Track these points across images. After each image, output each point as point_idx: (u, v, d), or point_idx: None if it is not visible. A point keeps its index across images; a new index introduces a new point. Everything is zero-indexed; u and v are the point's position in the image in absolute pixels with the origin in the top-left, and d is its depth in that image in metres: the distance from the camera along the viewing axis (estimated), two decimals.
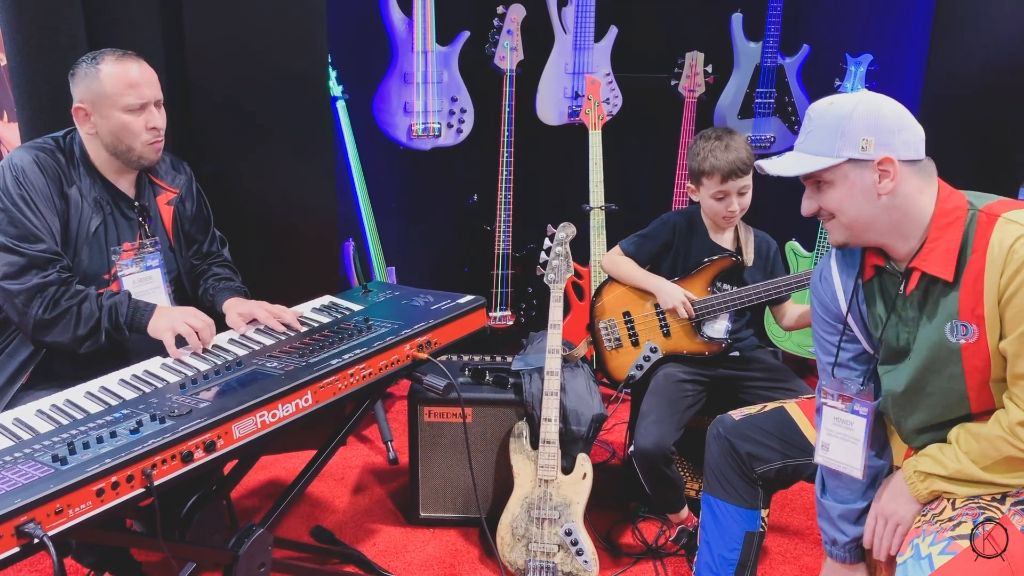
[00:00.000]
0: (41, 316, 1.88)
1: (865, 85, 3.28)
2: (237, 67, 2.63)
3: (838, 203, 1.57)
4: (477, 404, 2.48)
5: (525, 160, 3.44)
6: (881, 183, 1.52)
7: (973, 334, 1.50)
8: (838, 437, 1.70)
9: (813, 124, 1.57)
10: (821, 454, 1.73)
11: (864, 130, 1.51)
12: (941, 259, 1.52)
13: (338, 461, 2.97)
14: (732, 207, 2.38)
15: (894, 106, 1.55)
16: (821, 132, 1.55)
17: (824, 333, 1.76)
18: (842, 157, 1.52)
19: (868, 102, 1.54)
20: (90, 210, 2.00)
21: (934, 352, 1.56)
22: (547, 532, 2.31)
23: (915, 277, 1.56)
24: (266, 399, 1.62)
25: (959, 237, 1.51)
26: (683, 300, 2.42)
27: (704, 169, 2.37)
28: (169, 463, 1.46)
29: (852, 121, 1.52)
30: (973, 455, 1.53)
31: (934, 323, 1.55)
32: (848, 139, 1.52)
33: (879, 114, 1.52)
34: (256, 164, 2.73)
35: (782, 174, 1.59)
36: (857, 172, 1.53)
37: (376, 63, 3.31)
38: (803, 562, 2.44)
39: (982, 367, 1.52)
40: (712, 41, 3.47)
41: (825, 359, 1.76)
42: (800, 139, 1.61)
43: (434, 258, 3.73)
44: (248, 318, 2.04)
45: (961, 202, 1.54)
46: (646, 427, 2.28)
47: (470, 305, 2.12)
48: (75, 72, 1.97)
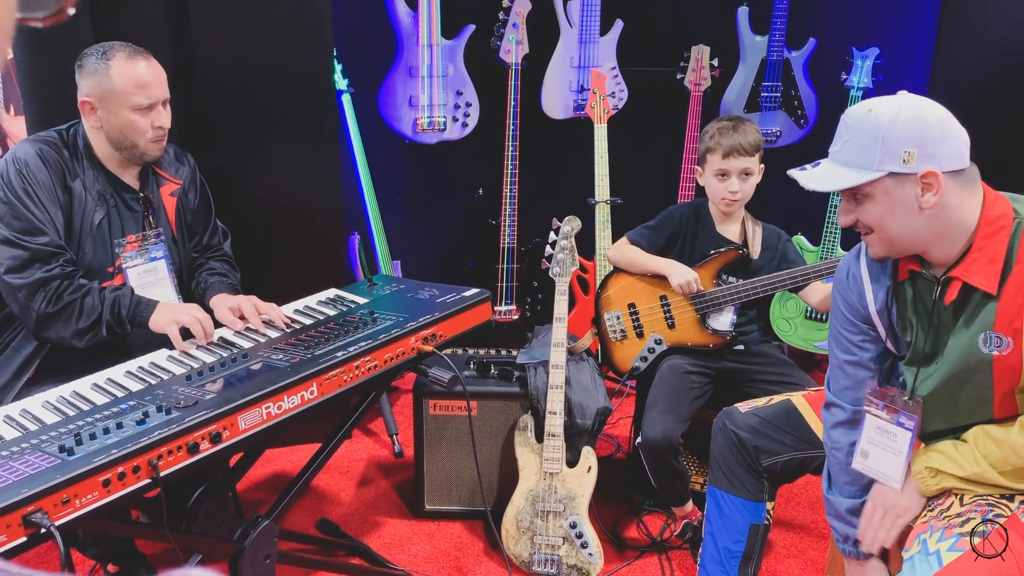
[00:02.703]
0: (44, 310, 1.88)
1: (872, 79, 3.27)
2: (243, 61, 2.63)
3: (878, 218, 1.48)
4: (482, 397, 2.48)
5: (530, 154, 3.43)
6: (924, 197, 1.43)
7: (1008, 347, 1.45)
8: (880, 447, 1.63)
9: (850, 132, 1.47)
10: (860, 461, 1.66)
11: (907, 142, 1.41)
12: (984, 270, 1.45)
13: (343, 454, 2.98)
14: (732, 187, 2.37)
15: (938, 112, 1.44)
16: (860, 142, 1.45)
17: (845, 331, 1.69)
18: (883, 171, 1.43)
19: (910, 109, 1.43)
20: (94, 203, 2.00)
21: (963, 361, 1.51)
22: (552, 525, 2.31)
23: (955, 287, 1.49)
24: (272, 391, 1.62)
25: (1004, 248, 1.44)
26: (694, 276, 2.42)
27: (709, 146, 2.38)
28: (175, 454, 1.47)
29: (893, 131, 1.41)
30: (992, 459, 1.50)
31: (968, 332, 1.50)
32: (889, 151, 1.42)
33: (922, 123, 1.42)
34: (261, 157, 2.73)
35: (819, 189, 1.50)
36: (898, 186, 1.44)
37: (381, 57, 3.30)
38: (808, 556, 2.44)
39: (1011, 377, 1.47)
40: (718, 34, 3.46)
41: (843, 356, 1.70)
42: (836, 147, 1.51)
43: (439, 252, 3.73)
44: (238, 312, 2.02)
45: (1007, 209, 1.47)
46: (653, 418, 2.28)
47: (475, 298, 2.12)
48: (83, 64, 1.96)
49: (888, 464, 1.62)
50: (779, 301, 3.42)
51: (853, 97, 3.29)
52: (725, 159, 2.35)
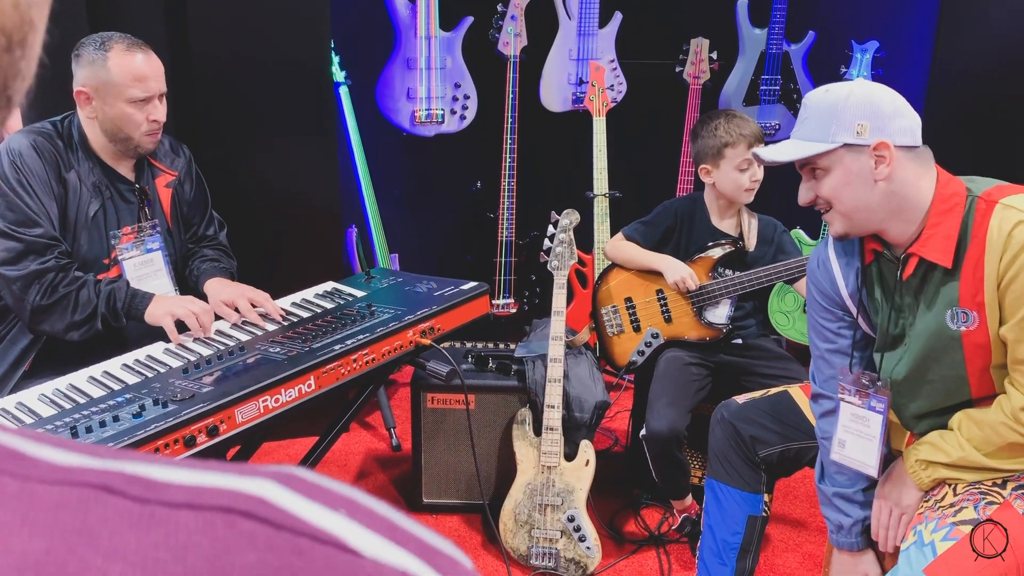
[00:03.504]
0: (38, 302, 1.87)
1: (871, 72, 3.26)
2: (240, 52, 2.61)
3: (834, 190, 1.55)
4: (480, 391, 2.47)
5: (529, 147, 3.42)
6: (877, 168, 1.50)
7: (974, 321, 1.49)
8: (854, 434, 1.66)
9: (808, 111, 1.56)
10: (838, 451, 1.69)
11: (859, 115, 1.50)
12: (940, 245, 1.50)
13: (341, 447, 2.97)
14: (758, 175, 2.37)
15: (890, 93, 1.54)
16: (816, 118, 1.54)
17: (822, 320, 1.74)
18: (837, 142, 1.51)
19: (863, 88, 1.53)
20: (89, 194, 1.98)
21: (934, 340, 1.55)
22: (550, 518, 2.31)
23: (912, 263, 1.55)
24: (269, 384, 1.62)
25: (958, 223, 1.49)
26: (690, 272, 2.41)
27: (727, 141, 2.35)
28: (172, 447, 1.46)
29: (847, 106, 1.50)
30: (976, 442, 1.52)
31: (934, 311, 1.54)
32: (843, 124, 1.50)
33: (874, 99, 1.51)
34: (258, 150, 2.72)
35: (777, 160, 1.58)
36: (853, 157, 1.51)
37: (379, 49, 3.29)
38: (805, 550, 2.44)
39: (983, 354, 1.51)
40: (717, 27, 3.45)
41: (823, 346, 1.74)
42: (796, 127, 1.60)
43: (437, 245, 3.72)
44: (232, 306, 2.01)
45: (960, 188, 1.52)
46: (659, 411, 2.28)
47: (473, 292, 2.11)
48: (80, 54, 1.94)
49: (863, 451, 1.65)
50: (777, 295, 3.42)
51: None
52: (750, 149, 2.33)
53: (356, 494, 0.34)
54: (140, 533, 0.29)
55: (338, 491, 0.33)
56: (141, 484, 0.31)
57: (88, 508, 0.29)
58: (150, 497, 0.30)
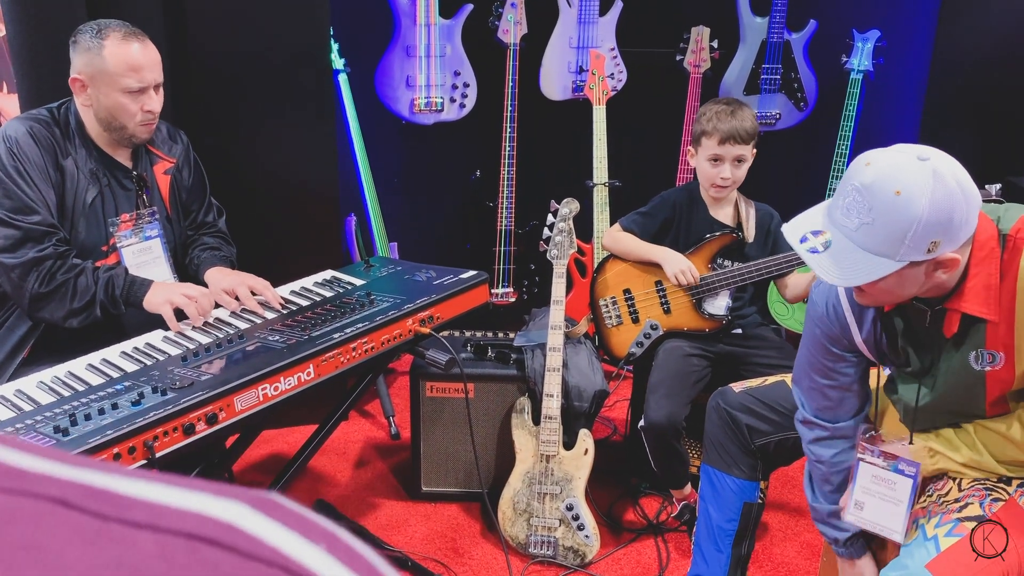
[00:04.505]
0: (37, 290, 1.87)
1: (872, 61, 3.25)
2: (238, 39, 2.60)
3: (882, 292, 1.42)
4: (479, 379, 2.47)
5: (528, 135, 3.41)
6: (936, 273, 1.37)
7: (1000, 361, 1.43)
8: (876, 496, 1.55)
9: (874, 215, 1.31)
10: (855, 513, 1.59)
11: (934, 234, 1.30)
12: (981, 297, 1.40)
13: (340, 436, 2.97)
14: (724, 174, 2.36)
15: (966, 188, 1.32)
16: (885, 231, 1.31)
17: (824, 359, 1.64)
18: (903, 261, 1.32)
19: (942, 195, 1.29)
20: (86, 182, 1.98)
21: (956, 378, 1.50)
22: (548, 507, 2.32)
23: (954, 319, 1.43)
24: (268, 372, 1.62)
25: (996, 271, 1.38)
26: (689, 266, 2.41)
27: (705, 129, 2.36)
28: (171, 435, 1.46)
29: (923, 226, 1.29)
30: (992, 449, 1.52)
31: (959, 353, 1.48)
32: (916, 246, 1.31)
33: (951, 208, 1.30)
34: (257, 138, 2.71)
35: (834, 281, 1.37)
36: (913, 268, 1.35)
37: (378, 36, 3.27)
38: (803, 538, 2.45)
39: (1004, 387, 1.47)
40: (718, 16, 3.43)
41: (823, 382, 1.66)
42: (849, 219, 1.35)
43: (436, 234, 3.71)
44: (233, 294, 2.01)
45: (992, 230, 1.40)
46: (657, 401, 2.28)
47: (472, 280, 2.11)
48: (77, 41, 1.93)
49: (888, 516, 1.54)
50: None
51: (853, 80, 3.27)
52: (721, 145, 2.33)
53: (338, 530, 0.32)
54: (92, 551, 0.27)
55: (319, 524, 0.31)
56: (103, 498, 0.29)
57: (39, 522, 0.27)
58: (110, 514, 0.28)
